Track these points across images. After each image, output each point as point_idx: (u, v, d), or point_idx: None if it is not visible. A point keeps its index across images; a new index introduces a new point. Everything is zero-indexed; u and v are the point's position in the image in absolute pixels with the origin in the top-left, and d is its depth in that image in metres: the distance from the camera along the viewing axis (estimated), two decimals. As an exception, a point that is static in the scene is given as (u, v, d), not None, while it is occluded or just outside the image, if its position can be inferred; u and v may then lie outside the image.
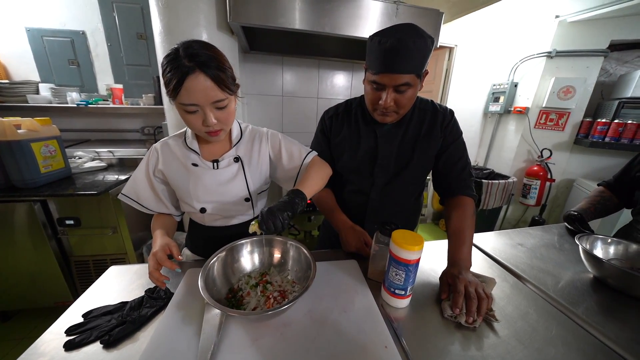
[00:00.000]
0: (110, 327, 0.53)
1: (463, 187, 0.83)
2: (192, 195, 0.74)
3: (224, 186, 0.77)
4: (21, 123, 1.30)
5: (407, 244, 0.56)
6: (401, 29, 0.65)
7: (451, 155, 0.83)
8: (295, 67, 2.07)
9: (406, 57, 0.64)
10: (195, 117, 0.62)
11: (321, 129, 0.93)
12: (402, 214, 0.95)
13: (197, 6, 1.28)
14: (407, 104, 0.73)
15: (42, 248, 1.38)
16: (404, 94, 0.69)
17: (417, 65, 0.66)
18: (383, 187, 0.88)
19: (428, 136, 0.82)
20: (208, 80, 0.58)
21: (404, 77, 0.66)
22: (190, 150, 0.75)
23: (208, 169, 0.75)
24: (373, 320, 0.56)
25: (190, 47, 0.58)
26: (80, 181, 1.46)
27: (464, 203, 0.80)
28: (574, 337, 0.56)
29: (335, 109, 0.92)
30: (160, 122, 1.82)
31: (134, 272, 0.74)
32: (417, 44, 0.63)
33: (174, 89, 0.57)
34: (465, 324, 0.57)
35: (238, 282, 0.64)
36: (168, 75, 0.58)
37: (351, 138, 0.87)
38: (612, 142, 2.20)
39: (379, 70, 0.67)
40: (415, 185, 0.92)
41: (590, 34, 2.21)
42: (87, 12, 1.90)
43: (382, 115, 0.75)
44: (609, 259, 0.82)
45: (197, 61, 0.56)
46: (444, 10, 1.42)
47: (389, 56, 0.64)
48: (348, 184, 0.93)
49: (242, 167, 0.79)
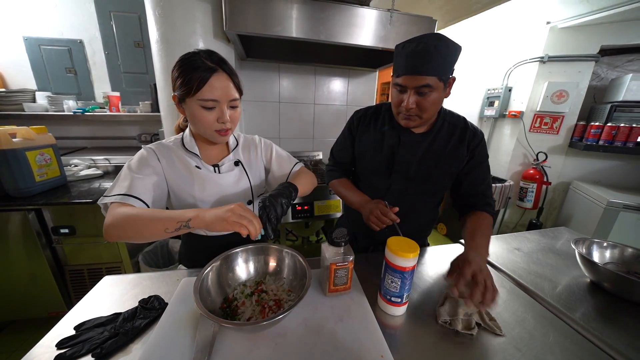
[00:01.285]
0: (102, 339, 0.52)
1: (484, 204, 0.83)
2: (197, 198, 0.74)
3: (229, 189, 0.78)
4: (16, 132, 1.30)
5: (402, 251, 0.56)
6: (426, 36, 0.68)
7: (476, 176, 0.83)
8: (291, 73, 2.09)
9: (426, 59, 0.66)
10: (212, 113, 0.66)
11: (349, 127, 0.95)
12: (415, 223, 0.92)
13: (193, 15, 1.30)
14: (430, 108, 0.72)
15: (36, 258, 1.36)
16: (426, 97, 0.70)
17: (438, 68, 0.67)
18: (399, 193, 0.88)
19: (454, 152, 0.81)
20: (229, 80, 0.67)
21: (425, 79, 0.67)
22: (191, 154, 0.75)
23: (210, 172, 0.76)
24: (369, 329, 0.56)
25: (211, 52, 0.67)
26: (76, 189, 1.45)
27: (483, 217, 0.81)
28: (572, 343, 0.56)
29: (366, 110, 0.94)
30: (157, 129, 1.82)
31: (128, 282, 0.73)
32: (438, 48, 0.65)
33: (197, 85, 0.62)
34: (463, 331, 0.57)
35: (233, 291, 0.64)
36: (190, 73, 0.62)
37: (375, 139, 0.88)
38: (606, 145, 2.23)
39: (402, 73, 0.70)
40: (433, 198, 0.92)
41: (581, 39, 2.25)
42: (85, 21, 1.91)
43: (405, 119, 0.76)
44: (605, 263, 0.82)
45: (220, 63, 0.66)
46: (437, 18, 1.45)
47: (410, 59, 0.68)
48: (366, 186, 0.94)
49: (244, 170, 0.81)
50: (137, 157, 0.70)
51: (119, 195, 0.62)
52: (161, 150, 0.73)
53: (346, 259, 0.61)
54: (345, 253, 0.62)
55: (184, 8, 1.27)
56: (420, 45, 0.65)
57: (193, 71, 0.63)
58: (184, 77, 0.63)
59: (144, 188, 0.65)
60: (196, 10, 1.30)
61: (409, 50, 0.67)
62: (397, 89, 0.74)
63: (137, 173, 0.66)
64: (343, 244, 0.62)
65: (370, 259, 0.86)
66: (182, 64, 0.65)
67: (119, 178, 0.66)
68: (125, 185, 0.64)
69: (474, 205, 0.84)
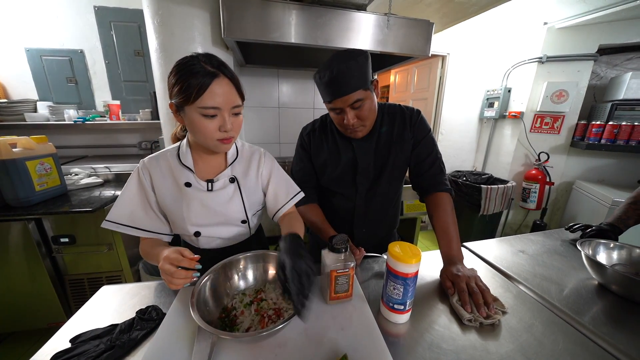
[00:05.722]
0: (98, 352, 0.51)
1: (436, 184, 0.87)
2: (185, 218, 0.71)
3: (220, 209, 0.73)
4: (17, 142, 1.30)
5: (405, 257, 0.55)
6: (334, 58, 0.73)
7: (421, 151, 0.88)
8: (290, 79, 2.10)
9: (345, 81, 0.71)
10: (213, 122, 0.62)
11: (301, 144, 0.97)
12: (385, 216, 0.99)
13: (192, 23, 1.31)
14: (369, 116, 0.79)
15: (36, 268, 1.35)
16: (362, 109, 0.76)
17: (358, 82, 0.72)
18: (366, 193, 0.92)
19: (401, 136, 0.88)
20: (231, 85, 0.62)
21: (353, 96, 0.73)
22: (184, 168, 0.71)
23: (202, 190, 0.71)
24: (372, 338, 0.54)
25: (210, 56, 0.62)
26: (76, 198, 1.45)
27: (441, 200, 0.85)
28: (583, 350, 0.54)
29: (312, 125, 0.97)
30: (157, 136, 1.83)
31: (126, 292, 0.72)
32: (349, 67, 0.70)
33: (197, 92, 0.58)
34: (486, 322, 0.58)
35: (232, 300, 0.62)
36: (189, 79, 0.58)
37: (331, 152, 0.92)
38: (608, 144, 2.21)
39: (331, 99, 0.75)
40: (395, 187, 0.96)
41: (578, 39, 2.25)
42: (86, 31, 1.94)
43: (352, 132, 0.82)
44: (613, 264, 0.80)
45: (220, 68, 0.61)
46: (434, 21, 1.45)
47: (331, 85, 0.73)
48: (334, 194, 0.96)
49: (239, 188, 0.76)
50: (132, 179, 0.71)
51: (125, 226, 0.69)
52: (152, 165, 0.71)
53: (347, 265, 0.60)
54: (346, 259, 0.61)
55: (183, 17, 1.29)
56: (334, 71, 0.70)
57: (192, 77, 0.57)
58: (182, 84, 0.58)
59: (141, 216, 0.71)
60: (194, 18, 1.31)
61: (326, 79, 0.72)
62: (334, 112, 0.79)
63: (130, 201, 0.70)
64: (343, 250, 0.61)
65: (372, 264, 0.84)
66: (179, 69, 0.59)
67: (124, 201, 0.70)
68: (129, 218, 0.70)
69: (429, 187, 0.88)
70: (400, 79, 3.40)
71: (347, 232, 0.95)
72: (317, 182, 0.98)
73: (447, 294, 0.68)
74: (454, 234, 0.78)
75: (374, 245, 0.95)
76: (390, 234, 1.06)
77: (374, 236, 0.99)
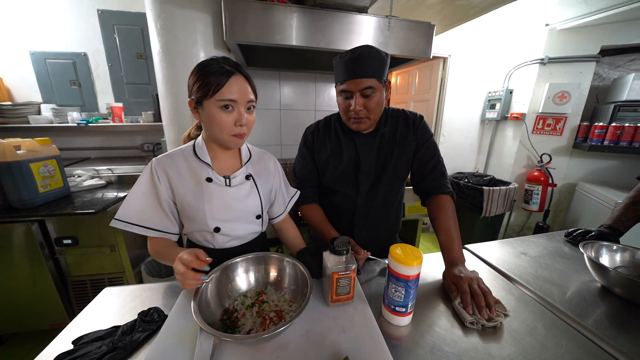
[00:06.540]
0: (100, 354, 0.51)
1: (438, 187, 0.88)
2: (207, 213, 0.71)
3: (238, 204, 0.76)
4: (21, 144, 1.31)
5: (406, 259, 0.55)
6: (359, 46, 0.76)
7: (423, 155, 0.89)
8: (292, 81, 2.11)
9: (364, 64, 0.73)
10: (229, 115, 0.66)
11: (304, 143, 0.99)
12: (387, 219, 0.99)
13: (194, 26, 1.32)
14: (376, 109, 0.79)
15: (39, 269, 1.36)
16: (371, 98, 0.77)
17: (375, 71, 0.75)
18: (367, 193, 0.92)
19: (403, 140, 0.89)
20: (246, 82, 0.68)
21: (367, 81, 0.74)
22: (203, 163, 0.73)
23: (221, 185, 0.74)
24: (373, 340, 0.54)
25: (226, 57, 0.69)
26: (79, 200, 1.46)
27: (443, 202, 0.85)
28: (586, 353, 0.54)
29: (316, 124, 0.98)
30: (159, 138, 1.84)
31: (128, 293, 0.72)
32: (372, 53, 0.74)
33: (215, 87, 0.63)
34: (488, 324, 0.58)
35: (233, 302, 0.62)
36: (208, 76, 0.63)
37: (334, 150, 0.93)
38: (611, 145, 2.20)
39: (344, 79, 0.76)
40: (397, 189, 0.97)
41: (580, 40, 2.25)
42: (89, 34, 1.96)
43: (356, 122, 0.81)
44: (616, 267, 0.79)
45: (237, 67, 0.67)
46: (435, 23, 1.45)
47: (350, 65, 0.75)
48: (336, 193, 0.97)
49: (255, 184, 0.80)
50: (143, 177, 0.72)
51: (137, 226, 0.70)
52: (168, 164, 0.71)
53: (349, 267, 0.60)
54: (347, 262, 0.61)
55: (185, 20, 1.30)
56: (356, 52, 0.73)
57: (211, 75, 0.63)
58: (202, 81, 0.64)
59: (151, 216, 0.72)
60: (197, 21, 1.32)
61: (347, 58, 0.75)
62: (343, 96, 0.80)
63: (140, 200, 0.71)
64: (345, 252, 0.61)
65: (374, 266, 0.84)
66: (199, 69, 0.65)
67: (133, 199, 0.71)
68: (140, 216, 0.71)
69: (431, 190, 0.89)
70: (401, 80, 3.40)
71: (347, 233, 0.95)
72: (319, 181, 0.98)
73: (449, 297, 0.68)
74: (455, 236, 0.78)
75: (375, 250, 0.94)
76: (392, 237, 1.05)
77: (375, 239, 0.98)
